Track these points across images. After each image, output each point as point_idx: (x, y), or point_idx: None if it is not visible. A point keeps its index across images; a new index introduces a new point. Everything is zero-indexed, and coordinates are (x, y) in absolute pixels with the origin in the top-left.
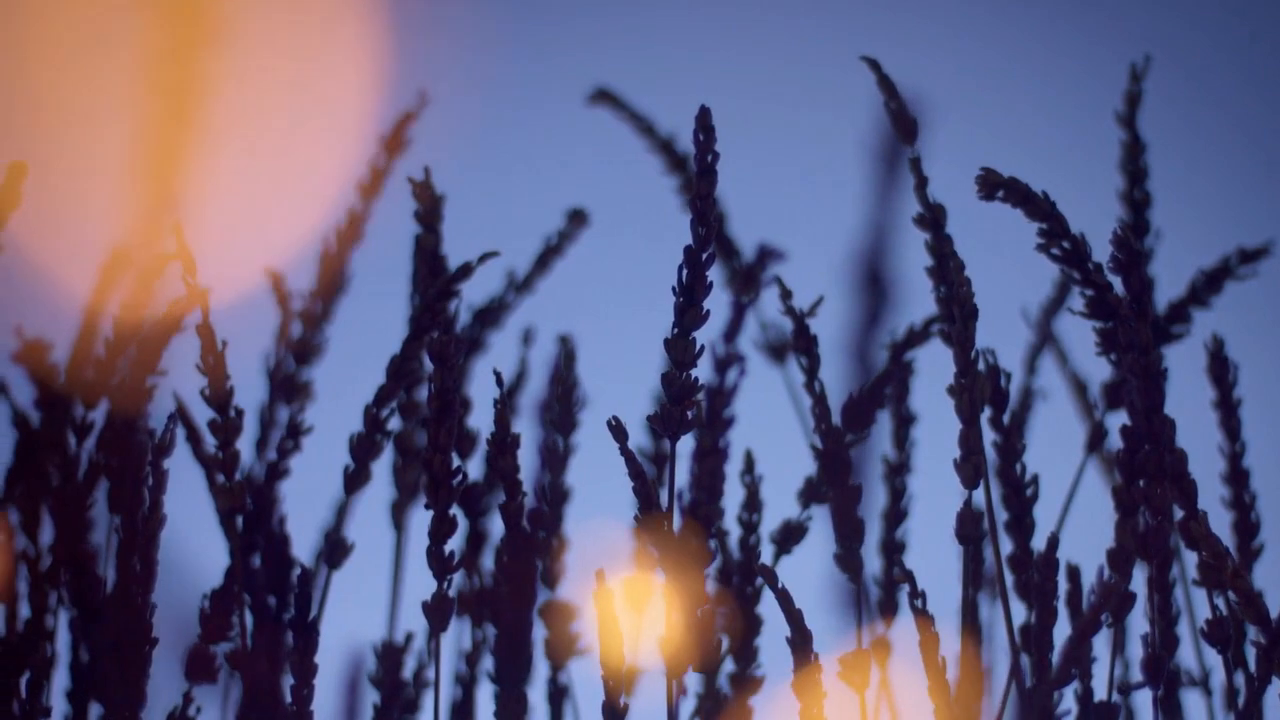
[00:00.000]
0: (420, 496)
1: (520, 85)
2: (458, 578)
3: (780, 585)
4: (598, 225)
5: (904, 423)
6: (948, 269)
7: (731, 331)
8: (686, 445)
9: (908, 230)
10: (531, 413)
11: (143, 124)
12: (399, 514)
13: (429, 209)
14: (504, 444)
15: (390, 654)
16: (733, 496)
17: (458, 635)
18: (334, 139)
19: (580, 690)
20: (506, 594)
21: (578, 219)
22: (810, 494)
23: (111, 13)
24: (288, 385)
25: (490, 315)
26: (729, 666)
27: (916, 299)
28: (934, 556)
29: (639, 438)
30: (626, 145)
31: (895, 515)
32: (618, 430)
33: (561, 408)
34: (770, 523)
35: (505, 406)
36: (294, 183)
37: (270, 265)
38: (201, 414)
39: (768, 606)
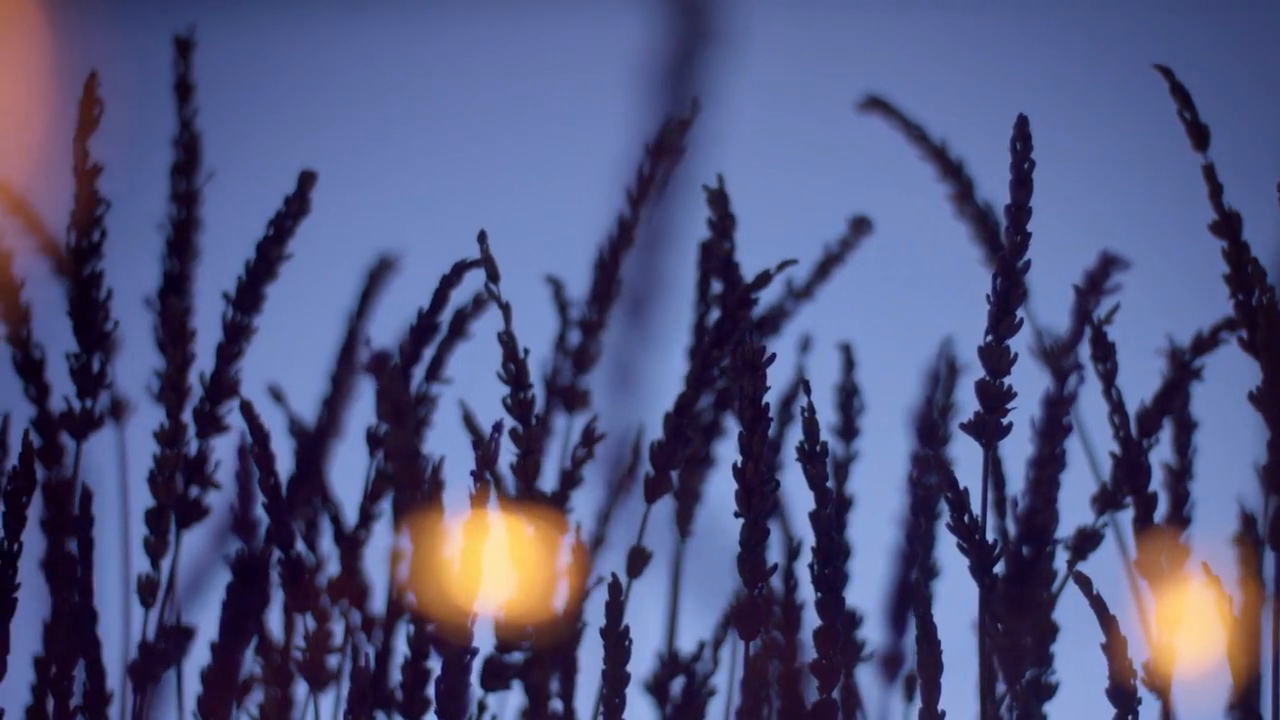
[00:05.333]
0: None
1: (786, 91)
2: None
3: (1095, 592)
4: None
5: (1185, 429)
6: (1246, 276)
7: (1073, 340)
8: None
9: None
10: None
11: None
12: (683, 522)
13: (722, 216)
14: (813, 452)
15: (677, 663)
16: None
17: (733, 643)
18: (605, 145)
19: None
20: (820, 602)
21: (861, 226)
22: (1105, 501)
23: None
24: (568, 394)
25: (771, 323)
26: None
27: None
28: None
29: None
30: (894, 153)
31: (1179, 521)
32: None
33: (842, 415)
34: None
35: (813, 414)
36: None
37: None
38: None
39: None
